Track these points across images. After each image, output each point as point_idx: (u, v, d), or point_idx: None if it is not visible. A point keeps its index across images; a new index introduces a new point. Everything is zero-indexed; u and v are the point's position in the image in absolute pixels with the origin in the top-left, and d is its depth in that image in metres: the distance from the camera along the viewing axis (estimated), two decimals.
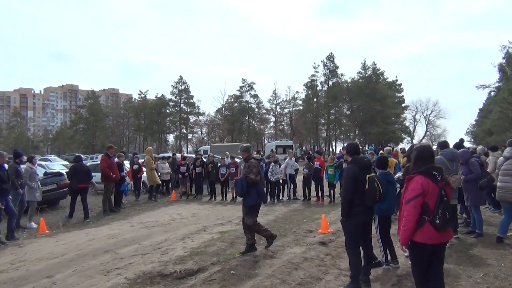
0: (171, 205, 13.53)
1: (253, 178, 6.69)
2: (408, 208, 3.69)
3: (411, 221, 3.64)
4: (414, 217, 3.64)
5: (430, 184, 3.66)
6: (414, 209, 3.65)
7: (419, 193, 3.64)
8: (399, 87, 74.79)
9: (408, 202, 3.69)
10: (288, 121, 75.16)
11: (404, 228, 3.69)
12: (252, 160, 7.03)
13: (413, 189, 3.70)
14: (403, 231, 3.71)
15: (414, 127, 79.08)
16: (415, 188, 3.68)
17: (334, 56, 65.20)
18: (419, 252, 3.74)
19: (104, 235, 8.94)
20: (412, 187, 3.72)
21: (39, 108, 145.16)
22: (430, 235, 3.62)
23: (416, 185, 3.68)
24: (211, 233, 8.58)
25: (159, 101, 77.03)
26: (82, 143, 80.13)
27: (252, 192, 6.74)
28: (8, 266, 6.71)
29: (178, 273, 5.77)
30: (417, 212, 3.64)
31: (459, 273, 5.31)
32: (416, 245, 3.70)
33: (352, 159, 5.14)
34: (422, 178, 3.70)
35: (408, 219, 3.66)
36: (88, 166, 18.32)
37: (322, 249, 6.78)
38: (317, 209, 11.53)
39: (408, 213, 3.67)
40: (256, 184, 6.74)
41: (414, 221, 3.64)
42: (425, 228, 3.62)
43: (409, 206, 3.68)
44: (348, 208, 4.87)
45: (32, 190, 10.25)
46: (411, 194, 3.70)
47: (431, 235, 3.62)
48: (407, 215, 3.68)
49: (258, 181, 6.80)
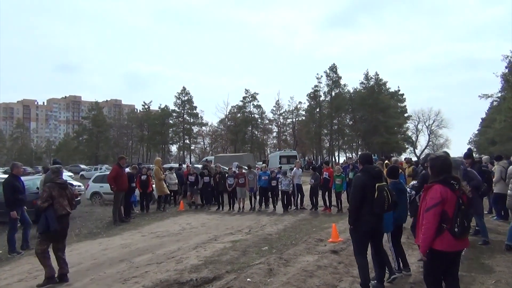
0: (179, 215, 13.65)
1: (40, 204, 6.25)
2: (428, 216, 3.76)
3: (431, 229, 3.71)
4: (434, 225, 3.71)
5: (448, 193, 3.73)
6: (434, 217, 3.72)
7: (438, 201, 3.71)
8: (401, 97, 74.96)
9: (428, 211, 3.76)
10: (291, 131, 75.42)
11: (424, 236, 3.76)
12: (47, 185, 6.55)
13: (432, 198, 3.77)
14: (423, 239, 3.78)
15: (417, 137, 79.15)
16: (434, 197, 3.75)
17: (337, 66, 65.72)
18: (437, 260, 3.81)
19: (117, 245, 9.07)
20: (431, 196, 3.79)
21: (42, 119, 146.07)
22: (449, 243, 3.71)
23: (435, 194, 3.75)
24: (222, 242, 8.70)
25: (163, 112, 77.45)
26: (85, 154, 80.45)
27: (42, 218, 6.21)
28: (26, 275, 6.85)
29: (194, 281, 5.89)
30: (437, 220, 3.71)
31: (471, 280, 5.42)
32: (435, 253, 3.76)
33: (363, 168, 5.27)
34: (440, 187, 3.77)
35: (428, 227, 3.73)
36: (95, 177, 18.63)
37: (335, 257, 6.89)
38: (325, 219, 11.65)
39: (428, 221, 3.74)
40: (45, 210, 6.20)
41: (434, 229, 3.71)
42: (444, 236, 3.70)
43: (429, 214, 3.75)
44: (355, 216, 4.99)
45: None
46: (431, 202, 3.76)
47: (450, 243, 3.71)
48: (427, 223, 3.75)
49: (45, 207, 6.22)
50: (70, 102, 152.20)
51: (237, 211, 14.24)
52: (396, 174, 6.34)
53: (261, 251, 7.70)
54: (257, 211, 14.17)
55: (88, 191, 17.93)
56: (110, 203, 13.82)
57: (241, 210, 14.18)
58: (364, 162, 5.34)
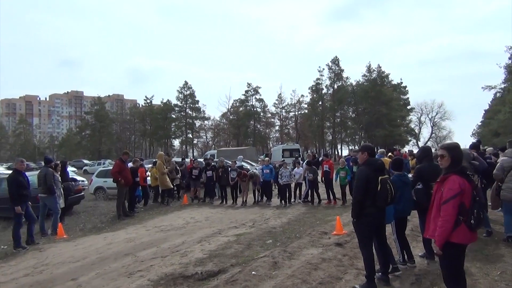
0: (183, 209, 13.68)
1: None
2: (447, 208, 3.63)
3: (450, 222, 3.60)
4: (453, 217, 3.60)
5: (466, 184, 3.64)
6: (453, 209, 3.60)
7: (457, 192, 3.60)
8: (404, 89, 74.78)
9: (447, 202, 3.63)
10: (294, 124, 75.39)
11: (442, 229, 3.63)
12: None
13: (451, 189, 3.64)
14: (441, 232, 3.65)
15: (420, 129, 79.05)
16: (453, 188, 3.62)
17: (339, 59, 65.63)
18: (456, 253, 3.72)
19: (122, 239, 9.10)
20: (449, 187, 3.66)
21: (44, 115, 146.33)
22: (465, 236, 3.63)
23: (454, 185, 3.63)
24: (226, 236, 8.71)
25: (165, 106, 77.54)
26: (88, 149, 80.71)
27: None
28: (32, 270, 6.89)
29: (199, 274, 5.91)
30: (456, 212, 3.59)
31: (476, 271, 5.42)
32: (453, 246, 3.66)
33: (365, 161, 5.23)
34: (458, 178, 3.66)
35: (447, 219, 3.61)
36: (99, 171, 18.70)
37: (339, 250, 6.90)
38: (328, 211, 11.64)
39: (447, 213, 3.62)
40: None
41: (453, 221, 3.59)
42: (461, 229, 3.60)
43: (448, 206, 3.62)
44: (359, 209, 4.96)
45: (57, 197, 10.52)
46: (449, 193, 3.63)
47: (466, 235, 3.63)
48: (446, 215, 3.62)
49: None
50: (72, 98, 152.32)
51: (240, 204, 14.25)
52: (400, 167, 6.33)
53: (265, 244, 7.71)
54: (261, 204, 14.18)
55: (91, 186, 17.99)
56: (114, 197, 13.87)
57: (244, 204, 14.19)
58: (369, 154, 5.29)
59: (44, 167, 10.69)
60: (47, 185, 10.16)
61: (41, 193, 10.32)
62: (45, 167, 10.62)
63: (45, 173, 10.28)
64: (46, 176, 10.21)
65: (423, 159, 6.37)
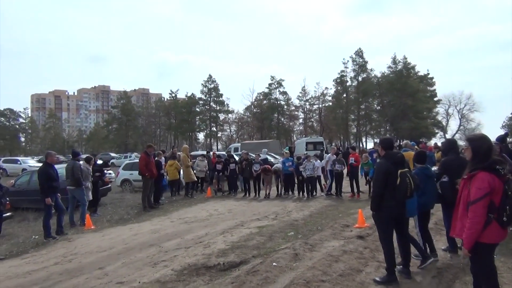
0: (207, 202, 13.87)
1: None
2: (476, 209, 3.41)
3: (480, 223, 3.40)
4: (483, 219, 3.40)
5: (496, 181, 3.41)
6: (483, 209, 3.40)
7: (487, 192, 3.38)
8: (430, 80, 73.20)
9: (475, 203, 3.42)
10: (317, 117, 74.95)
11: (471, 231, 3.43)
12: None
13: (479, 188, 3.41)
14: (470, 234, 3.45)
15: (447, 121, 77.31)
16: (482, 187, 3.40)
17: (363, 51, 65.02)
18: (486, 252, 3.56)
19: (147, 230, 9.32)
20: (477, 186, 3.43)
21: (73, 109, 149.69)
22: (497, 234, 3.47)
23: (483, 184, 3.41)
24: (249, 228, 8.81)
25: (189, 100, 78.29)
26: (115, 142, 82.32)
27: None
28: (62, 259, 7.15)
29: (221, 265, 6.02)
30: (485, 213, 3.40)
31: (499, 265, 5.32)
32: (483, 246, 3.49)
33: (385, 154, 5.18)
34: (487, 175, 3.43)
35: (476, 220, 3.40)
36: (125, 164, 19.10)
37: (360, 242, 6.90)
38: (351, 204, 11.60)
39: (476, 215, 3.41)
40: None
41: (482, 222, 3.40)
42: (492, 227, 3.42)
43: (478, 206, 3.41)
44: (378, 202, 4.95)
45: (86, 190, 10.85)
46: (478, 193, 3.41)
47: (498, 233, 3.47)
48: (476, 216, 3.41)
49: None
50: (99, 92, 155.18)
51: (263, 197, 14.34)
52: (423, 159, 6.26)
53: (287, 236, 7.77)
54: (284, 197, 14.24)
55: (118, 179, 18.40)
56: (140, 190, 14.16)
57: (267, 196, 14.27)
58: (386, 148, 5.27)
59: (72, 160, 11.02)
60: (74, 177, 10.49)
61: (69, 185, 10.65)
62: (73, 160, 10.94)
63: (73, 166, 10.60)
64: (73, 169, 10.54)
65: (448, 152, 6.27)
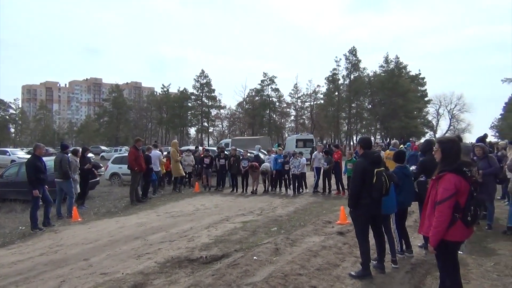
0: (194, 197, 14.00)
1: None
2: (442, 209, 3.57)
3: (445, 222, 3.56)
4: (448, 218, 3.56)
5: (462, 183, 3.57)
6: (448, 209, 3.56)
7: (452, 193, 3.55)
8: (422, 80, 73.81)
9: (442, 203, 3.58)
10: (309, 115, 75.19)
11: (437, 230, 3.59)
12: None
13: (446, 189, 3.57)
14: (435, 232, 3.60)
15: (437, 121, 78.08)
16: (448, 188, 3.56)
17: (356, 49, 65.01)
18: (450, 249, 3.73)
19: (133, 223, 9.45)
20: (444, 187, 3.59)
21: (64, 101, 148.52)
22: (461, 233, 3.63)
23: (449, 185, 3.57)
24: (233, 223, 8.98)
25: (182, 95, 78.13)
26: (106, 135, 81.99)
27: None
28: (47, 250, 7.27)
29: (204, 258, 6.19)
30: (451, 212, 3.56)
31: (470, 262, 5.58)
32: (448, 244, 3.64)
33: (363, 154, 5.38)
34: (454, 177, 3.59)
35: (442, 220, 3.56)
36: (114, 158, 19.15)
37: (340, 238, 7.10)
38: (336, 202, 11.80)
39: (442, 214, 3.57)
40: None
41: (447, 222, 3.56)
42: (457, 226, 3.58)
43: (443, 207, 3.57)
44: (355, 199, 5.14)
45: (74, 182, 10.93)
46: (444, 194, 3.57)
47: (463, 232, 3.63)
48: (441, 215, 3.57)
49: None
50: (91, 84, 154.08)
51: (250, 193, 14.51)
52: (402, 159, 6.46)
53: (270, 231, 7.96)
54: (270, 193, 14.43)
55: (107, 172, 18.47)
56: (129, 183, 14.24)
57: (254, 193, 14.44)
58: (364, 147, 5.45)
59: (60, 153, 11.09)
60: (62, 170, 10.57)
61: (57, 178, 10.73)
62: (61, 153, 11.01)
63: (61, 159, 10.68)
64: (61, 162, 10.62)
65: (426, 152, 6.48)
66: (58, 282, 5.41)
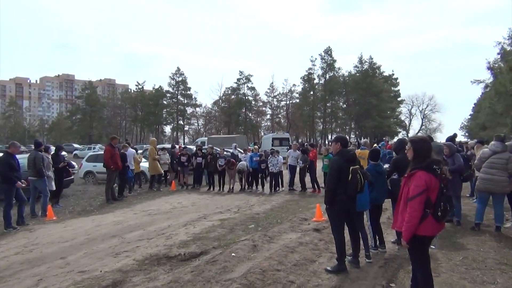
0: (171, 195, 13.98)
1: None
2: (413, 204, 3.75)
3: (417, 217, 3.74)
4: (419, 213, 3.73)
5: (432, 179, 3.76)
6: (419, 205, 3.73)
7: (423, 189, 3.73)
8: (395, 81, 75.44)
9: (413, 199, 3.76)
10: (285, 113, 75.72)
11: (409, 224, 3.76)
12: None
13: (417, 186, 3.76)
14: (408, 227, 3.77)
15: (410, 121, 79.91)
16: (419, 185, 3.74)
17: (331, 49, 65.97)
18: (422, 244, 3.92)
19: (110, 221, 9.39)
20: (415, 184, 3.78)
21: (34, 98, 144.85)
22: (432, 227, 3.81)
23: (420, 182, 3.75)
24: (211, 221, 9.04)
25: (157, 93, 77.48)
26: (79, 133, 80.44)
27: None
28: (22, 249, 7.15)
29: (182, 255, 6.25)
30: (422, 208, 3.73)
31: (440, 256, 5.82)
32: (419, 238, 3.82)
33: (339, 152, 5.53)
34: (424, 174, 3.77)
35: (414, 215, 3.74)
36: (89, 156, 18.88)
37: (316, 235, 7.27)
38: (312, 199, 12.02)
39: (414, 210, 3.74)
40: None
41: (419, 217, 3.74)
42: (428, 221, 3.76)
43: (415, 203, 3.75)
44: (331, 196, 5.29)
45: (48, 179, 10.75)
46: (416, 191, 3.75)
47: (433, 227, 3.81)
48: (413, 211, 3.75)
49: None
50: (63, 81, 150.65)
51: (227, 191, 14.58)
52: (377, 157, 6.66)
53: (247, 228, 8.06)
54: (247, 191, 14.54)
55: (81, 170, 18.15)
56: (103, 182, 14.09)
57: (231, 191, 14.52)
58: (343, 145, 5.60)
59: (34, 151, 10.90)
60: (36, 168, 10.39)
61: (31, 176, 10.54)
62: (35, 151, 10.82)
63: (35, 157, 10.49)
64: (35, 160, 10.43)
65: (399, 151, 6.69)
66: (35, 280, 5.37)
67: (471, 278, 5.00)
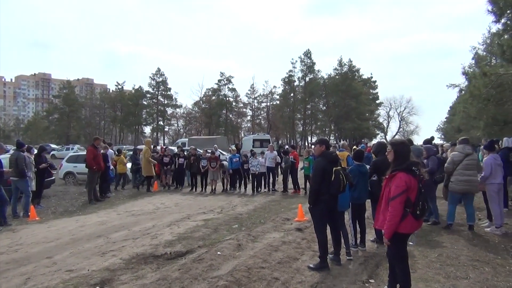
0: (153, 195, 14.04)
1: None
2: (394, 204, 3.97)
3: (398, 216, 3.96)
4: (400, 212, 3.96)
5: (412, 180, 3.99)
6: (400, 205, 3.96)
7: (403, 190, 3.95)
8: (373, 84, 76.67)
9: (394, 199, 3.98)
10: (265, 115, 76.06)
11: (390, 223, 3.99)
12: None
13: (397, 186, 3.98)
14: (389, 226, 4.00)
15: (388, 123, 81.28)
16: (400, 185, 3.97)
17: (311, 52, 66.60)
18: (402, 241, 4.16)
19: (94, 222, 9.42)
20: (396, 184, 4.00)
21: (9, 96, 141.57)
22: (411, 225, 4.04)
23: (400, 182, 3.97)
24: (195, 221, 9.18)
25: (136, 93, 76.69)
26: (56, 133, 78.96)
27: None
28: (7, 249, 7.15)
29: (169, 254, 6.38)
30: (402, 207, 3.96)
31: (417, 254, 6.11)
32: (399, 236, 4.07)
33: (322, 153, 5.77)
34: (404, 175, 4.00)
35: (394, 214, 3.96)
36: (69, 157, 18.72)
37: (299, 234, 7.50)
38: (293, 200, 12.27)
39: (395, 209, 3.97)
40: None
41: (400, 216, 3.96)
42: (408, 220, 3.99)
43: (395, 202, 3.97)
44: (315, 196, 5.51)
45: (29, 180, 10.69)
46: (396, 191, 3.98)
47: (413, 224, 4.05)
48: (394, 210, 3.97)
49: None
50: (39, 80, 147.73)
51: (209, 192, 14.70)
52: (361, 158, 6.94)
53: (231, 228, 8.24)
54: (229, 192, 14.70)
55: (61, 171, 17.98)
56: (84, 182, 14.04)
57: (213, 192, 14.65)
58: (326, 147, 5.86)
59: (16, 151, 10.83)
60: (18, 168, 10.34)
61: (12, 176, 10.48)
62: (17, 151, 10.76)
63: (17, 157, 10.44)
64: (17, 160, 10.38)
65: (378, 153, 6.96)
66: (23, 279, 5.42)
67: (445, 273, 5.29)
